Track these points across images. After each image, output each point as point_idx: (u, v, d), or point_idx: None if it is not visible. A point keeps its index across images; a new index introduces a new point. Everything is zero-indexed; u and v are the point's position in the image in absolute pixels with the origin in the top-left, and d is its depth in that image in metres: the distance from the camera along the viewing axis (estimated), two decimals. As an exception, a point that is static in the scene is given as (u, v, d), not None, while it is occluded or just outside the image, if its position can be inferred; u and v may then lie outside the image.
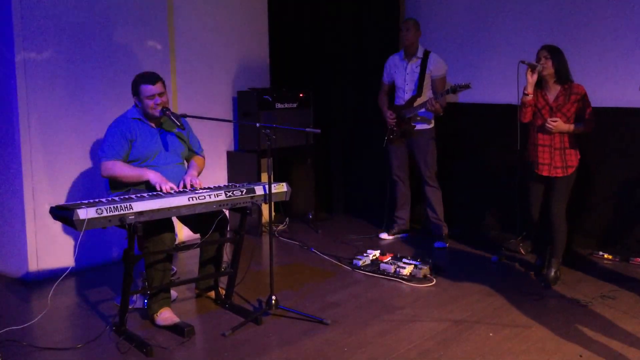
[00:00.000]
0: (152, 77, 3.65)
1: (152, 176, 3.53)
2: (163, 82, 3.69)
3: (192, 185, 3.57)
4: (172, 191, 3.45)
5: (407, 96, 5.04)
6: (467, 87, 4.53)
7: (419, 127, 5.02)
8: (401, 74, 5.08)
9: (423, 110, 4.93)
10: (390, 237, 5.31)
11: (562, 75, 4.00)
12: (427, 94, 4.98)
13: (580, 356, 3.10)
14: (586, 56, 4.67)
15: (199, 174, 3.84)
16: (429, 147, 5.05)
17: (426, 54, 5.00)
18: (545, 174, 4.08)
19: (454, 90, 4.61)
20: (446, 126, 5.16)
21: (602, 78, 4.62)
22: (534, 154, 4.13)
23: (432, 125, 5.06)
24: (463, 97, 5.30)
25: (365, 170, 6.06)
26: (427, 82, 4.99)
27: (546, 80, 4.03)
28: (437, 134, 5.10)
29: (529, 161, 4.17)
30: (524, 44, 4.86)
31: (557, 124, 3.95)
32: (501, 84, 3.94)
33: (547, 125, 3.96)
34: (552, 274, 4.14)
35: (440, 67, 4.98)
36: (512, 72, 4.02)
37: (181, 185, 3.58)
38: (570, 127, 3.99)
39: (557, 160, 4.04)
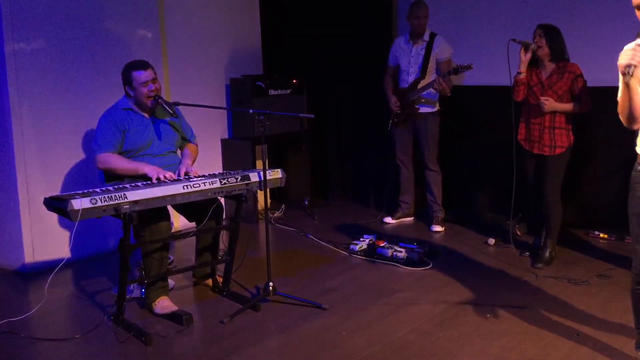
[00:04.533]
0: (142, 64, 3.62)
1: (149, 170, 3.50)
2: (154, 69, 3.66)
3: (187, 174, 3.56)
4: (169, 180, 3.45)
5: (411, 78, 5.01)
6: (469, 67, 4.49)
7: (422, 109, 5.01)
8: (406, 56, 5.05)
9: (427, 92, 4.91)
10: (394, 222, 5.31)
11: (557, 54, 3.99)
12: (430, 76, 4.95)
13: (577, 335, 3.12)
14: (583, 35, 4.65)
15: (193, 162, 3.83)
16: (432, 130, 5.03)
17: (432, 36, 4.96)
18: (535, 151, 4.11)
19: (456, 71, 4.58)
20: (441, 109, 5.13)
21: (599, 57, 4.60)
22: (526, 132, 4.15)
23: (436, 108, 5.04)
24: (460, 80, 5.28)
25: (362, 155, 6.05)
26: (431, 65, 4.96)
27: (541, 59, 4.03)
28: (445, 118, 5.07)
29: (520, 139, 4.19)
30: (521, 24, 4.83)
31: (549, 102, 3.95)
32: (497, 65, 3.94)
33: (540, 103, 3.96)
34: (547, 254, 4.16)
35: (446, 49, 4.95)
36: (510, 53, 3.98)
37: (175, 175, 3.57)
38: (563, 105, 3.98)
39: (545, 138, 4.05)
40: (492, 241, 4.65)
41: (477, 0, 5.27)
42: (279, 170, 3.73)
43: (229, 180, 3.46)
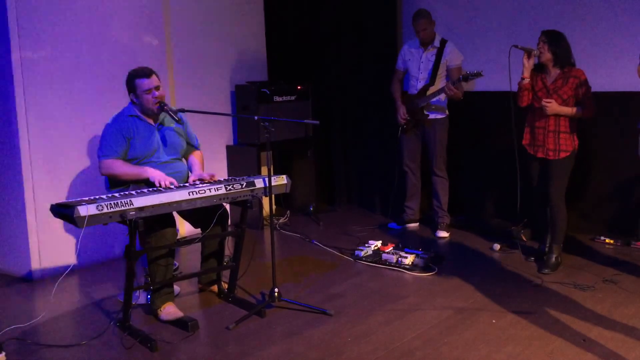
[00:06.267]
0: (146, 71, 3.64)
1: (152, 174, 3.53)
2: (157, 76, 3.68)
3: (201, 179, 3.58)
4: (172, 186, 3.46)
5: (420, 85, 5.01)
6: (478, 75, 4.48)
7: (431, 116, 5.00)
8: (416, 62, 5.04)
9: (436, 99, 4.92)
10: (400, 227, 5.31)
11: (561, 60, 4.00)
12: (440, 83, 4.94)
13: (584, 341, 3.11)
14: (588, 41, 4.65)
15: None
16: (441, 136, 5.02)
17: (443, 42, 4.95)
18: (539, 155, 4.12)
19: (466, 78, 4.58)
20: (450, 114, 5.12)
21: (604, 63, 4.61)
22: (530, 136, 4.16)
23: (445, 114, 5.03)
24: (471, 87, 5.28)
25: (367, 161, 6.05)
26: (441, 72, 4.95)
27: (546, 64, 4.04)
28: (450, 124, 5.06)
29: (525, 144, 4.19)
30: (524, 30, 4.85)
31: (552, 104, 3.96)
32: (506, 71, 3.97)
33: (542, 105, 3.98)
34: (553, 259, 4.15)
35: (457, 56, 4.95)
36: (512, 59, 3.98)
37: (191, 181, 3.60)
38: (565, 109, 3.99)
39: (549, 142, 4.06)
40: (497, 247, 4.64)
41: (487, 7, 5.28)
42: (284, 176, 3.73)
43: (234, 186, 3.47)
